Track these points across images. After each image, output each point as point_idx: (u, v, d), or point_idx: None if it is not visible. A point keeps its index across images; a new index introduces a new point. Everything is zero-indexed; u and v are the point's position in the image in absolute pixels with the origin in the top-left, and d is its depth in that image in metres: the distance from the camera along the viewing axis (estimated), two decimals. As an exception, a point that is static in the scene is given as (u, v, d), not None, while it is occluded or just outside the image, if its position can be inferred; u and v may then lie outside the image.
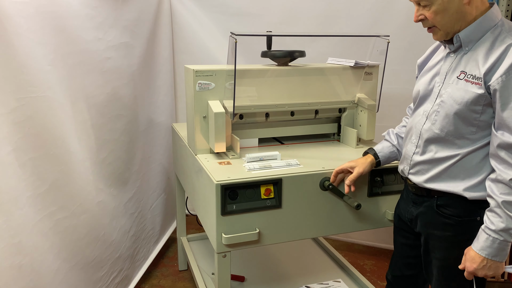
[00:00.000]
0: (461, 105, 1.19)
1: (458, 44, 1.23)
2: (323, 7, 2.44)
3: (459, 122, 1.21)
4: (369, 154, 1.53)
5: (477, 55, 1.18)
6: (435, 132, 1.26)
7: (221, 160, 1.62)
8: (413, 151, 1.33)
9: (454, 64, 1.24)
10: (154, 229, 2.48)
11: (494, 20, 1.19)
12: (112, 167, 1.91)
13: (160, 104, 2.51)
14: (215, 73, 1.65)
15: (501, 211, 1.13)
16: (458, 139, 1.22)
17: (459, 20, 1.19)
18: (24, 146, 1.32)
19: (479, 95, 1.15)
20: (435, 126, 1.26)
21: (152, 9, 2.35)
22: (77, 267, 1.61)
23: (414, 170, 1.34)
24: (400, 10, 2.31)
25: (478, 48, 1.19)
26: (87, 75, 1.69)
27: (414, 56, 2.28)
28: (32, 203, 1.35)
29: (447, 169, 1.25)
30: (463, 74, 1.20)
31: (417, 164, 1.32)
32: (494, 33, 1.17)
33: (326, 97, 1.84)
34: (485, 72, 1.14)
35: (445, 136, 1.24)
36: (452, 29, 1.21)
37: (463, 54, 1.23)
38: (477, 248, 1.17)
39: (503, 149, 1.13)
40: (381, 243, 2.72)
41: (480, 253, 1.16)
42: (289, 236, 1.53)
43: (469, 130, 1.20)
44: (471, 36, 1.20)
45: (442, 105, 1.24)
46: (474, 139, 1.20)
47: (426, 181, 1.29)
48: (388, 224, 1.65)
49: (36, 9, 1.38)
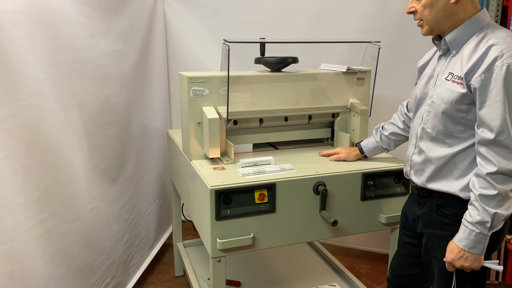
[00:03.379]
0: (447, 104, 1.24)
1: (445, 47, 1.29)
2: (315, 14, 2.47)
3: (447, 121, 1.26)
4: (355, 147, 1.73)
5: (462, 56, 1.23)
6: (427, 132, 1.32)
7: (216, 166, 1.63)
8: (412, 151, 1.40)
9: (444, 67, 1.30)
10: (148, 235, 2.47)
11: (481, 24, 1.23)
12: (104, 173, 1.91)
13: (155, 111, 2.51)
14: (209, 80, 1.66)
15: (478, 204, 1.18)
16: (448, 138, 1.27)
17: (445, 19, 1.25)
18: (16, 153, 1.32)
19: (463, 94, 1.21)
20: (427, 125, 1.32)
21: (145, 16, 2.37)
22: (69, 274, 1.60)
23: (414, 171, 1.40)
24: (392, 16, 2.34)
25: (463, 50, 1.24)
26: (80, 83, 1.69)
27: (406, 61, 2.33)
28: (24, 210, 1.35)
29: (441, 168, 1.30)
30: (450, 75, 1.26)
31: (416, 164, 1.38)
32: (479, 36, 1.22)
33: (319, 102, 1.86)
34: (467, 72, 1.19)
35: (436, 135, 1.30)
36: (437, 26, 1.27)
37: (452, 56, 1.28)
38: (456, 239, 1.23)
39: (483, 145, 1.18)
40: (377, 248, 2.72)
41: (458, 244, 1.22)
42: (283, 240, 1.54)
43: (458, 129, 1.25)
44: (457, 39, 1.25)
45: (432, 105, 1.30)
46: (463, 138, 1.25)
47: (426, 181, 1.34)
48: (381, 227, 1.66)
49: (30, 17, 1.39)
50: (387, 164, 1.66)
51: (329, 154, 1.77)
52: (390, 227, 1.68)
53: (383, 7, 2.35)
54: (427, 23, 1.27)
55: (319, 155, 1.80)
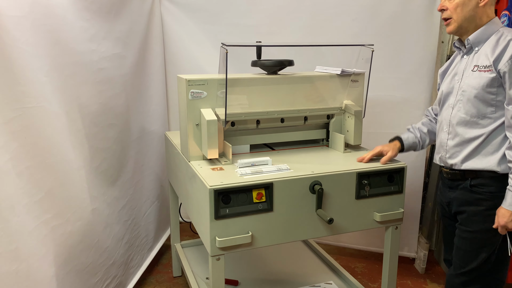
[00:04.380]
0: (479, 89, 1.49)
1: (469, 46, 1.56)
2: (310, 18, 2.52)
3: (479, 104, 1.50)
4: (396, 141, 1.79)
5: (486, 51, 1.50)
6: (462, 117, 1.55)
7: (214, 166, 1.66)
8: (447, 137, 1.62)
9: (468, 63, 1.56)
10: (148, 236, 2.50)
11: (497, 26, 1.53)
12: (105, 175, 1.94)
13: (153, 113, 2.55)
14: (207, 82, 1.70)
15: None
16: (482, 119, 1.51)
17: (471, 20, 1.52)
18: (21, 155, 1.35)
19: (492, 78, 1.46)
20: (461, 111, 1.55)
21: (143, 20, 2.41)
22: (72, 273, 1.63)
23: (449, 154, 1.61)
24: (384, 20, 2.40)
25: (485, 47, 1.52)
26: (81, 86, 1.73)
27: (398, 64, 2.39)
28: (28, 211, 1.38)
29: (477, 147, 1.53)
30: (476, 67, 1.52)
31: (451, 148, 1.60)
32: (497, 35, 1.51)
33: (315, 104, 1.90)
34: (494, 60, 1.45)
35: (470, 118, 1.53)
36: (464, 25, 1.52)
37: (474, 54, 1.56)
38: (505, 205, 1.46)
39: None
40: (372, 247, 2.76)
41: (509, 208, 1.45)
42: (281, 238, 1.58)
43: (489, 110, 1.50)
44: (479, 38, 1.53)
45: (464, 94, 1.54)
46: (495, 118, 1.49)
47: (462, 161, 1.56)
48: (376, 225, 1.70)
49: (32, 22, 1.42)
50: (381, 164, 1.70)
51: (372, 157, 1.71)
52: (384, 225, 1.72)
53: (375, 11, 2.40)
54: (456, 21, 1.52)
55: (363, 161, 1.70)
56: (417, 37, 2.36)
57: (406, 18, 2.36)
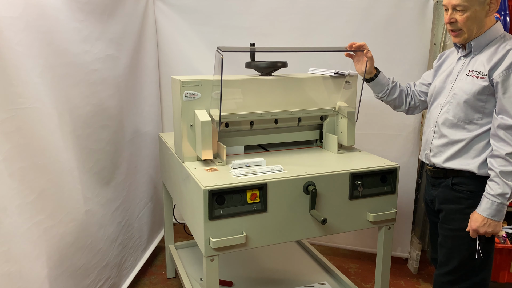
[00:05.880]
0: (469, 95, 1.52)
1: (469, 50, 1.57)
2: (303, 20, 2.53)
3: (468, 109, 1.53)
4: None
5: (483, 57, 1.52)
6: (449, 119, 1.58)
7: (208, 167, 1.67)
8: (432, 136, 1.66)
9: (464, 66, 1.59)
10: (142, 237, 2.49)
11: (498, 32, 1.54)
12: (99, 176, 1.93)
13: (146, 115, 2.54)
14: (201, 83, 1.70)
15: (499, 179, 1.45)
16: (468, 124, 1.55)
17: (479, 29, 1.52)
18: (14, 156, 1.34)
19: (484, 86, 1.48)
20: (449, 114, 1.58)
21: (137, 22, 2.41)
22: (65, 275, 1.63)
23: (433, 153, 1.66)
24: (377, 22, 2.42)
25: (483, 52, 1.53)
26: (74, 87, 1.72)
27: (391, 65, 2.40)
28: (21, 212, 1.37)
29: (460, 150, 1.56)
30: (471, 72, 1.54)
31: (436, 147, 1.64)
32: (497, 41, 1.52)
33: (308, 105, 1.92)
34: (490, 69, 1.47)
35: (457, 122, 1.57)
36: (472, 34, 1.53)
37: (471, 57, 1.57)
38: (479, 210, 1.50)
39: (502, 129, 1.45)
40: (365, 247, 2.78)
41: (482, 214, 1.49)
42: (275, 238, 1.58)
43: (477, 116, 1.53)
44: (480, 43, 1.54)
45: (455, 97, 1.57)
46: (481, 124, 1.52)
47: (444, 161, 1.61)
48: (369, 225, 1.72)
49: (26, 23, 1.42)
50: (374, 164, 1.72)
51: (359, 46, 1.84)
52: (377, 225, 1.74)
53: (368, 13, 2.42)
54: (467, 32, 1.52)
55: (352, 45, 1.85)
56: (410, 39, 2.39)
57: (399, 20, 2.38)
